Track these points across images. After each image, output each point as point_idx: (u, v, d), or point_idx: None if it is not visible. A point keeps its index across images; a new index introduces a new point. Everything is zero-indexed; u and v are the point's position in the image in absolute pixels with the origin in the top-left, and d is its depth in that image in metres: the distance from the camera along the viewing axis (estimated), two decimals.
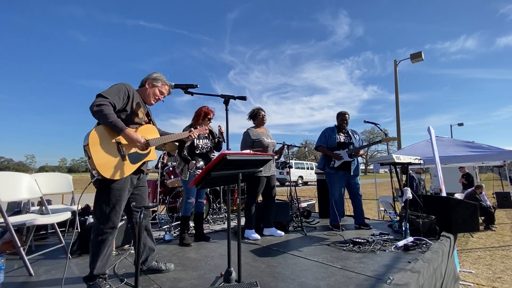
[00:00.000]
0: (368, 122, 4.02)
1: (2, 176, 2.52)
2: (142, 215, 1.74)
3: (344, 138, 3.94)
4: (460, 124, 25.81)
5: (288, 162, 4.06)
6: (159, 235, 3.40)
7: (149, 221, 2.27)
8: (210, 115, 3.21)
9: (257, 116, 3.61)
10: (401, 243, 2.70)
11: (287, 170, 4.19)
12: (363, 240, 2.87)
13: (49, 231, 3.47)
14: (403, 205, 3.12)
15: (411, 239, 2.84)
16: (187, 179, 3.10)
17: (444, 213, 3.22)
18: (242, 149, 3.45)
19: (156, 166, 4.86)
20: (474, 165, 11.14)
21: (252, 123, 3.67)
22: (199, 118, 3.15)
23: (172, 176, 4.40)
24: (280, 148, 3.69)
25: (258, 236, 3.28)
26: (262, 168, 3.27)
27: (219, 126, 3.46)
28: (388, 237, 3.06)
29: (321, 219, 4.39)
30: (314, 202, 5.24)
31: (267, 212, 3.51)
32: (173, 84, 2.16)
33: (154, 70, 2.31)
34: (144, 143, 2.02)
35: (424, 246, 2.66)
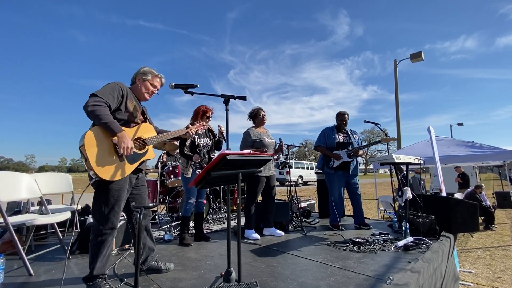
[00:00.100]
0: (368, 122, 4.02)
1: (2, 176, 2.52)
2: (142, 215, 1.73)
3: (343, 138, 3.94)
4: (460, 124, 25.86)
5: (288, 162, 4.05)
6: (159, 235, 3.40)
7: (149, 221, 2.26)
8: (209, 113, 3.21)
9: (257, 116, 3.61)
10: (401, 243, 2.70)
11: (287, 170, 4.18)
12: (363, 240, 2.87)
13: (49, 231, 3.47)
14: (403, 204, 3.12)
15: (411, 239, 2.84)
16: (190, 175, 3.10)
17: (444, 213, 3.23)
18: (242, 149, 3.44)
19: (156, 166, 4.85)
20: (474, 165, 11.16)
21: (252, 123, 3.67)
22: (197, 117, 3.16)
23: (172, 176, 4.40)
24: (279, 146, 3.66)
25: (258, 236, 3.27)
26: (262, 168, 3.27)
27: (219, 126, 3.46)
28: (388, 237, 3.06)
29: (321, 219, 4.39)
30: (314, 202, 5.24)
31: (267, 212, 3.51)
32: (173, 84, 2.15)
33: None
34: (131, 153, 1.90)
35: (424, 246, 2.66)
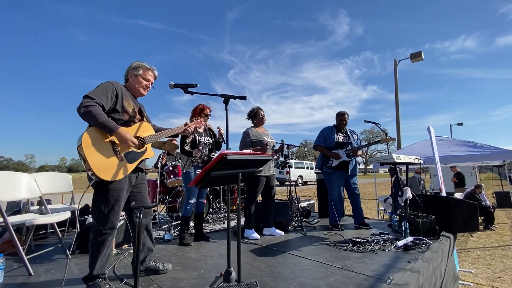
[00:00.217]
0: (368, 122, 4.02)
1: (2, 176, 2.52)
2: (142, 215, 1.73)
3: (343, 138, 3.94)
4: (460, 124, 25.88)
5: (287, 161, 4.05)
6: (159, 235, 3.40)
7: (150, 220, 2.25)
8: (206, 111, 3.22)
9: (256, 115, 3.61)
10: (401, 243, 2.71)
11: (287, 169, 4.18)
12: (363, 240, 2.87)
13: (48, 231, 3.47)
14: (402, 204, 3.12)
15: (411, 238, 2.84)
16: (191, 170, 3.12)
17: (444, 213, 3.23)
18: (241, 148, 3.44)
19: (156, 166, 4.85)
20: (473, 164, 11.16)
21: (251, 122, 3.66)
22: (195, 115, 3.18)
23: (171, 176, 4.40)
24: (280, 147, 3.67)
25: (258, 236, 3.28)
26: (261, 168, 3.27)
27: (218, 128, 3.46)
28: (388, 236, 3.06)
29: (320, 219, 4.39)
30: (314, 201, 5.24)
31: (267, 212, 3.51)
32: (172, 83, 2.14)
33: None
34: (137, 144, 1.95)
35: (424, 245, 2.66)
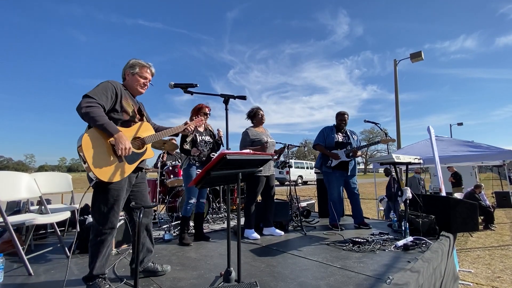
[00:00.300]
0: (368, 122, 4.02)
1: (2, 176, 2.52)
2: (143, 214, 1.73)
3: (343, 138, 3.94)
4: (460, 124, 25.89)
5: (287, 161, 4.05)
6: (159, 235, 3.40)
7: (151, 220, 2.24)
8: (205, 110, 3.22)
9: (256, 115, 3.61)
10: (400, 243, 2.71)
11: (287, 169, 4.19)
12: (362, 240, 2.87)
13: (48, 231, 3.47)
14: (400, 204, 3.12)
15: (410, 238, 2.84)
16: (191, 168, 3.12)
17: (444, 212, 3.23)
18: (241, 148, 3.44)
19: (156, 166, 4.85)
20: (473, 164, 11.16)
21: (251, 122, 3.66)
22: (194, 114, 3.18)
23: (171, 176, 4.40)
24: (281, 149, 3.68)
25: (258, 236, 3.28)
26: (261, 168, 3.27)
27: (218, 130, 3.46)
28: (387, 236, 3.06)
29: (320, 219, 4.39)
30: (313, 201, 5.24)
31: (267, 212, 3.51)
32: (172, 83, 2.14)
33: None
34: (129, 154, 1.89)
35: (424, 245, 2.66)
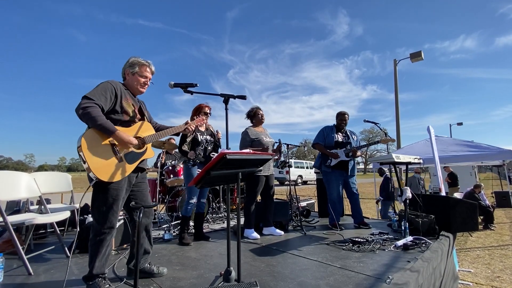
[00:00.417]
0: (368, 122, 4.02)
1: (1, 175, 2.52)
2: (143, 214, 1.72)
3: (342, 138, 3.94)
4: (460, 124, 25.92)
5: (287, 161, 4.05)
6: (159, 234, 3.39)
7: (151, 220, 2.23)
8: (205, 109, 3.21)
9: (255, 115, 3.60)
10: (400, 243, 2.71)
11: (287, 169, 4.19)
12: (362, 240, 2.87)
13: (48, 230, 3.46)
14: (398, 204, 3.12)
15: (410, 238, 2.84)
16: (191, 168, 3.13)
17: (444, 212, 3.23)
18: (241, 148, 3.44)
19: (155, 165, 4.85)
20: (473, 164, 11.17)
21: (250, 122, 3.66)
22: (195, 114, 3.18)
23: (171, 175, 4.40)
24: (278, 146, 3.65)
25: (258, 236, 3.28)
26: (261, 168, 3.27)
27: (216, 131, 3.46)
28: (387, 236, 3.07)
29: (320, 219, 4.39)
30: (313, 201, 5.24)
31: (267, 211, 3.51)
32: (172, 83, 2.14)
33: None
34: (136, 144, 1.94)
35: (424, 245, 2.66)
